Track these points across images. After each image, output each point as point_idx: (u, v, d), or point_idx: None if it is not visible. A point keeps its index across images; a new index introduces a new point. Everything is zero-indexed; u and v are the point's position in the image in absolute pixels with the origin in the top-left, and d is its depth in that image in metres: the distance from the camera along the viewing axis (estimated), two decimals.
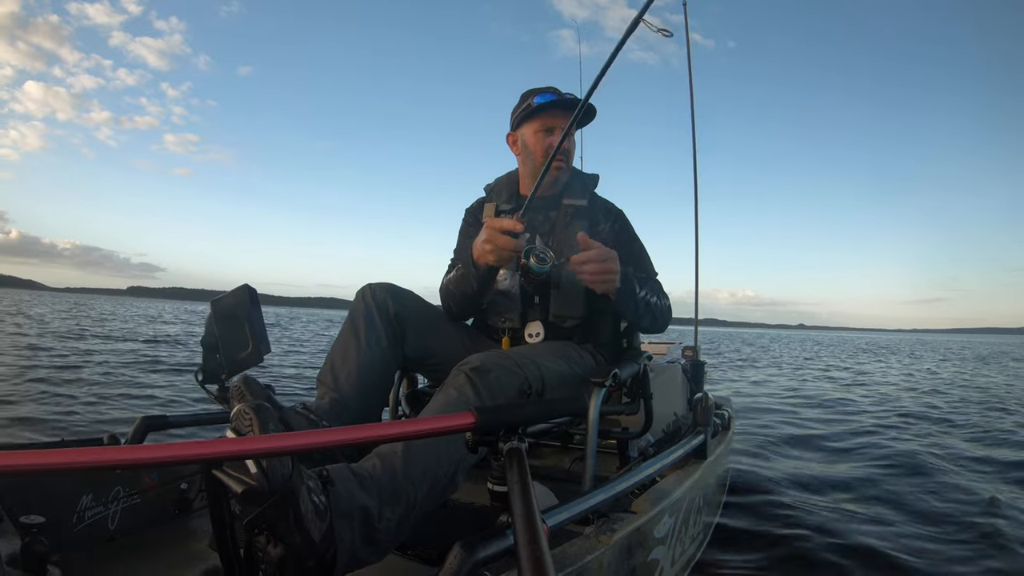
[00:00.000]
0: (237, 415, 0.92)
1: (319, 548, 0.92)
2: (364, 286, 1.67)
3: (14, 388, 5.97)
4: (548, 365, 1.56)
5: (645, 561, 1.41)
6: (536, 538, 0.67)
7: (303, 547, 0.90)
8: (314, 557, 0.92)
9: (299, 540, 0.89)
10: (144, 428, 1.60)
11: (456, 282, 1.76)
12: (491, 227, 1.58)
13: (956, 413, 6.98)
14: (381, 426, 0.82)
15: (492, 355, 1.44)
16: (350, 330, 1.60)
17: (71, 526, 1.39)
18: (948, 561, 2.45)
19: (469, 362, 1.39)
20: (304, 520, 0.90)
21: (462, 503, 1.71)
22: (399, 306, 1.66)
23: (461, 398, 1.30)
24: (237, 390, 1.12)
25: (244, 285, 1.66)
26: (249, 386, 1.13)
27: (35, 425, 4.39)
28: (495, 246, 1.57)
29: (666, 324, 1.88)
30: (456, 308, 1.81)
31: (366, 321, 1.61)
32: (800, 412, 6.73)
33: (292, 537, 0.89)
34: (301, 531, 0.89)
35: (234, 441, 0.76)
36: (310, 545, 0.91)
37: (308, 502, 0.91)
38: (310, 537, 0.90)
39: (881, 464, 4.11)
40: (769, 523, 2.84)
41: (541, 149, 1.88)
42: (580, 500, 1.19)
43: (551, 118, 1.87)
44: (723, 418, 2.62)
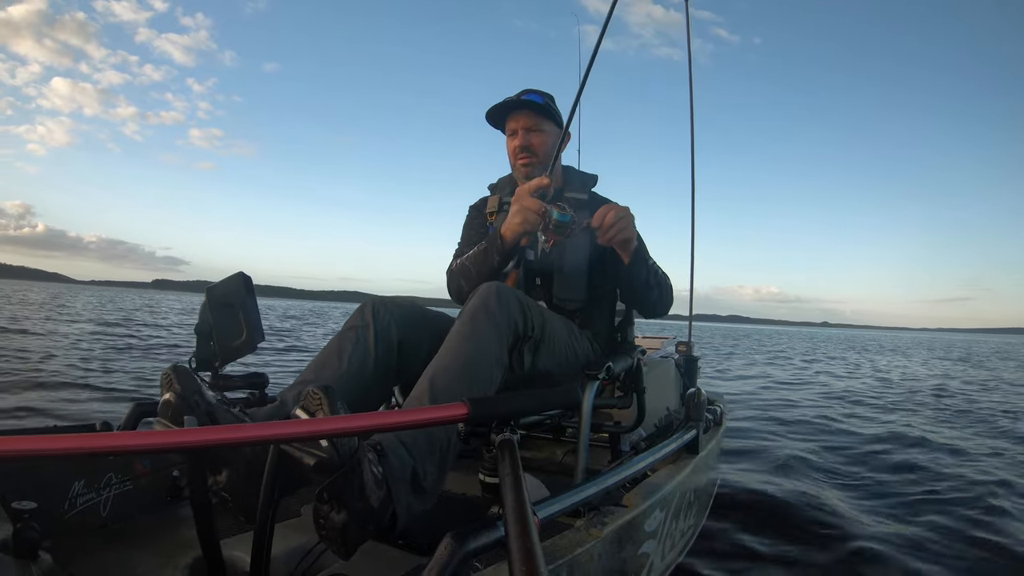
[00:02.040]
0: (307, 396, 0.98)
1: (378, 513, 1.01)
2: (368, 302, 1.59)
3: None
4: (552, 323, 1.61)
5: (635, 554, 1.42)
6: (527, 530, 0.68)
7: (365, 513, 0.99)
8: (375, 520, 1.01)
9: (361, 507, 0.98)
10: (138, 414, 1.59)
11: (475, 259, 1.77)
12: (520, 191, 1.65)
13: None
14: (378, 415, 0.82)
15: (504, 285, 1.49)
16: (335, 347, 1.51)
17: (63, 512, 1.39)
18: (949, 559, 2.47)
19: (484, 287, 1.47)
20: (366, 489, 0.98)
21: (454, 493, 1.72)
22: (404, 332, 1.58)
23: (475, 323, 1.39)
24: (166, 378, 1.11)
25: (239, 273, 1.65)
26: (179, 375, 1.12)
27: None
28: (521, 207, 1.61)
29: (670, 302, 1.89)
30: (468, 286, 1.77)
31: (355, 342, 1.51)
32: (796, 404, 6.77)
33: (355, 504, 0.97)
34: (363, 499, 0.98)
35: (311, 421, 0.85)
36: (370, 511, 0.99)
37: (369, 473, 1.00)
38: (370, 504, 0.99)
39: (876, 459, 4.14)
40: (760, 518, 2.85)
41: (511, 151, 1.97)
42: (571, 493, 1.19)
43: (512, 120, 1.94)
44: (715, 413, 2.63)
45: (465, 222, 2.11)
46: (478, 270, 1.75)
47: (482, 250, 1.75)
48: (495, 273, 1.74)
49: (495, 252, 1.70)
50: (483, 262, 1.74)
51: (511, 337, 1.43)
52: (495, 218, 1.99)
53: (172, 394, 1.07)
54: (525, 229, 1.63)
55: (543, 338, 1.54)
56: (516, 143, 1.93)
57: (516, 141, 1.93)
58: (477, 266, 1.76)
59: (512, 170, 2.02)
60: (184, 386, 1.09)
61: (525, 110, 1.91)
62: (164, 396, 1.08)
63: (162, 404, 1.08)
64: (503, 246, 1.69)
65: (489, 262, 1.72)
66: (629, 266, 1.70)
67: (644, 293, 1.80)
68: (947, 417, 6.61)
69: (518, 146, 1.92)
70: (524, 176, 1.90)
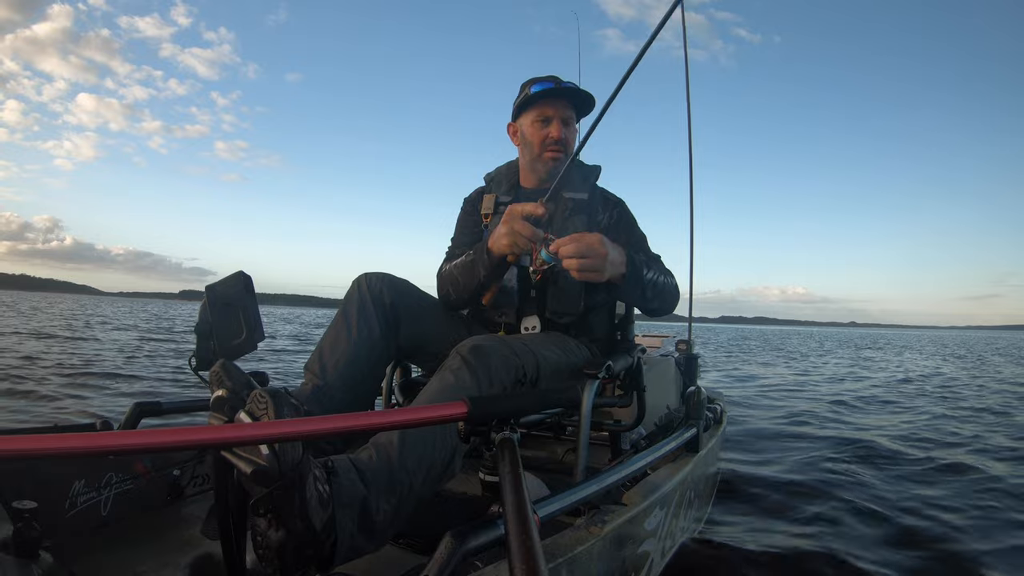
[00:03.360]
0: (253, 399, 0.93)
1: (320, 536, 0.94)
2: (360, 275, 1.66)
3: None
4: (544, 354, 1.57)
5: (635, 553, 1.42)
6: (527, 528, 0.68)
7: (304, 534, 0.92)
8: (314, 545, 0.94)
9: (301, 527, 0.91)
10: (138, 414, 1.60)
11: (462, 269, 1.74)
12: (512, 212, 1.58)
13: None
14: (377, 415, 0.82)
15: (490, 338, 1.44)
16: (342, 319, 1.59)
17: (63, 512, 1.39)
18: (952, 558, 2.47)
19: (466, 344, 1.39)
20: (308, 507, 0.92)
21: (454, 492, 1.72)
22: (395, 295, 1.64)
23: (458, 381, 1.30)
24: (216, 375, 1.12)
25: (239, 272, 1.65)
26: (228, 371, 1.12)
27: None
28: (511, 230, 1.56)
29: (675, 303, 1.87)
30: (456, 296, 1.79)
31: (358, 310, 1.59)
32: (800, 406, 6.76)
33: (295, 523, 0.91)
34: (304, 518, 0.91)
35: (249, 426, 0.79)
36: (311, 532, 0.93)
37: (313, 490, 0.93)
38: (312, 524, 0.92)
39: (882, 457, 4.13)
40: (761, 516, 2.85)
41: (538, 139, 1.87)
42: (571, 491, 1.19)
43: (548, 107, 1.86)
44: (715, 412, 2.64)
45: (459, 216, 2.07)
46: (465, 282, 1.74)
47: (470, 261, 1.72)
48: (481, 287, 1.73)
49: (481, 267, 1.68)
50: (470, 275, 1.72)
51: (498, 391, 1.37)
52: (490, 220, 1.94)
53: (224, 390, 1.08)
54: (512, 251, 1.60)
55: (539, 375, 1.51)
56: (551, 132, 1.85)
57: (551, 130, 1.85)
58: (464, 278, 1.74)
59: (530, 159, 1.93)
60: (235, 381, 1.10)
61: (568, 99, 1.86)
62: (216, 392, 1.08)
63: (215, 400, 1.08)
64: (490, 261, 1.66)
65: (476, 275, 1.71)
66: (621, 290, 1.68)
67: (643, 305, 1.80)
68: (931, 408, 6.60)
69: (554, 137, 1.83)
70: (548, 171, 1.86)
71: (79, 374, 7.07)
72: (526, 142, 1.92)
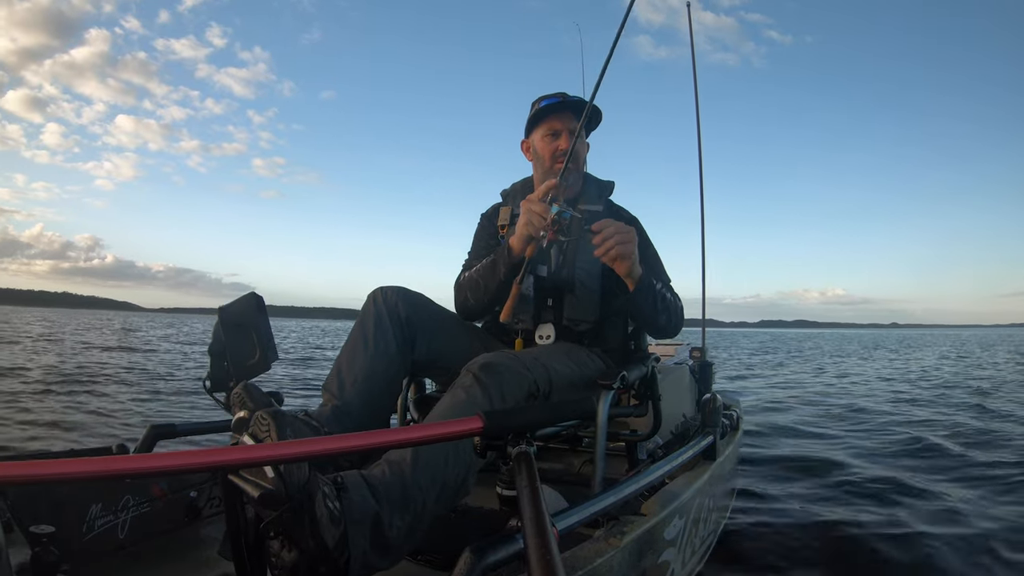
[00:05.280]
0: (255, 421, 0.93)
1: (332, 554, 0.93)
2: (375, 289, 1.66)
3: None
4: (556, 367, 1.56)
5: (655, 563, 1.40)
6: (546, 542, 0.67)
7: (317, 552, 0.91)
8: (327, 563, 0.93)
9: (313, 545, 0.90)
10: (153, 437, 1.60)
11: (483, 271, 1.76)
12: (529, 198, 1.64)
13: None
14: (391, 432, 0.81)
15: (500, 355, 1.44)
16: (359, 335, 1.59)
17: (80, 535, 1.39)
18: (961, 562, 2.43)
19: (477, 362, 1.38)
20: (319, 526, 0.91)
21: (472, 508, 1.71)
22: (410, 310, 1.64)
23: (469, 399, 1.29)
24: (238, 397, 1.12)
25: (251, 293, 1.66)
26: (250, 393, 1.12)
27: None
28: (527, 211, 1.60)
29: (680, 326, 1.88)
30: (475, 302, 1.80)
31: (375, 325, 1.59)
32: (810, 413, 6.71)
33: (306, 542, 0.90)
34: (315, 537, 0.90)
35: (252, 448, 0.78)
36: (324, 551, 0.92)
37: (323, 508, 0.92)
38: (324, 543, 0.91)
39: (905, 462, 4.09)
40: (779, 523, 2.82)
41: (548, 152, 1.90)
42: (589, 503, 1.18)
43: (556, 121, 1.89)
44: (732, 419, 2.61)
45: (476, 231, 2.09)
46: (486, 283, 1.75)
47: (490, 262, 1.74)
48: (502, 286, 1.73)
49: (502, 264, 1.70)
50: (491, 275, 1.73)
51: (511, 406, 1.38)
52: (506, 231, 1.95)
53: (246, 411, 1.08)
54: (530, 232, 1.62)
55: (552, 389, 1.51)
56: (560, 144, 1.88)
57: (560, 143, 1.88)
58: (485, 279, 1.75)
59: (542, 172, 1.94)
60: (256, 403, 1.10)
61: (573, 112, 1.87)
62: (238, 414, 1.08)
63: (236, 421, 1.08)
64: (510, 258, 1.68)
65: (496, 274, 1.72)
66: (634, 293, 1.68)
67: (652, 317, 1.78)
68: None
69: (563, 148, 1.85)
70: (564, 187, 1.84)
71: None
72: (537, 156, 1.94)
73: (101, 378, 8.60)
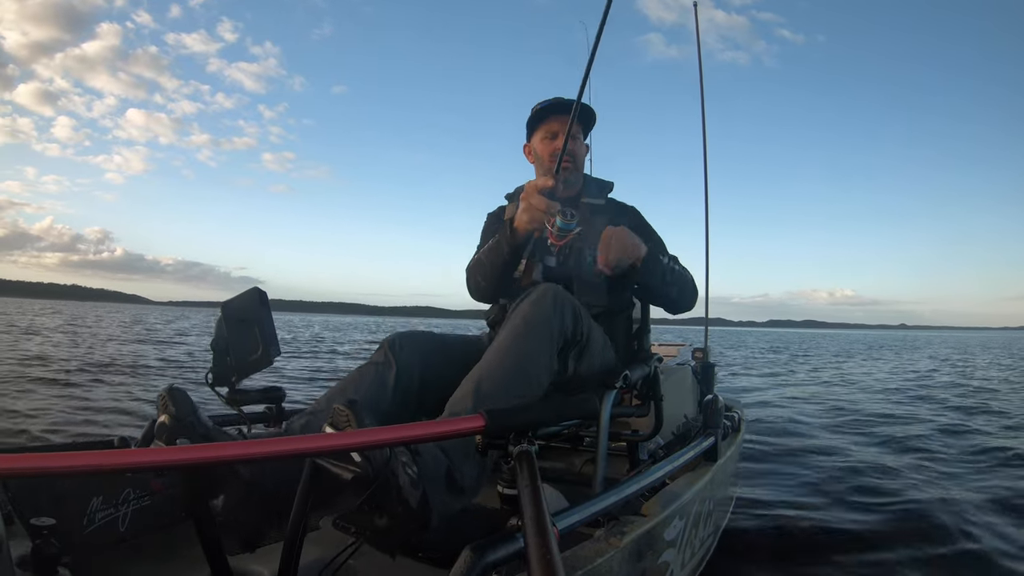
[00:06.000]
0: (335, 413, 1.00)
1: (417, 512, 1.03)
2: (391, 337, 1.61)
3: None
4: (595, 331, 1.61)
5: (655, 564, 1.40)
6: (546, 541, 0.67)
7: (405, 515, 1.00)
8: (415, 520, 1.03)
9: (401, 510, 1.00)
10: (154, 431, 1.60)
11: (488, 251, 1.77)
12: (527, 188, 1.63)
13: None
14: (395, 429, 0.82)
15: (561, 291, 1.51)
16: (354, 378, 1.54)
17: (81, 528, 1.39)
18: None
19: (546, 285, 1.50)
20: (403, 492, 1.00)
21: (473, 506, 1.71)
22: (426, 366, 1.58)
23: (536, 312, 1.42)
24: (161, 399, 1.14)
25: (254, 288, 1.66)
26: (173, 397, 1.13)
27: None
28: (527, 204, 1.60)
29: (694, 297, 1.91)
30: (484, 280, 1.81)
31: (373, 377, 1.53)
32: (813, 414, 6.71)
33: (395, 508, 1.00)
34: (402, 502, 1.00)
35: (340, 435, 0.85)
36: (410, 512, 1.01)
37: (404, 475, 1.01)
38: (410, 506, 1.01)
39: (904, 463, 4.10)
40: (780, 525, 2.82)
41: (547, 154, 1.94)
42: (590, 503, 1.18)
43: (553, 123, 1.94)
44: (733, 420, 2.61)
45: (483, 229, 2.11)
46: (491, 262, 1.76)
47: (494, 242, 1.75)
48: (507, 265, 1.74)
49: (505, 243, 1.70)
50: (495, 254, 1.74)
51: (561, 341, 1.45)
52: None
53: (167, 416, 1.09)
54: (533, 226, 1.63)
55: (587, 345, 1.55)
56: (558, 145, 1.89)
57: (558, 143, 1.90)
58: (490, 258, 1.76)
59: (543, 174, 1.92)
60: (179, 408, 1.10)
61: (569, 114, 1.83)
62: (160, 418, 1.10)
63: (158, 426, 1.10)
64: (513, 238, 1.68)
65: (500, 253, 1.72)
66: (642, 273, 1.70)
67: (661, 291, 1.80)
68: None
69: (559, 149, 1.83)
70: (562, 182, 1.86)
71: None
72: (538, 158, 1.99)
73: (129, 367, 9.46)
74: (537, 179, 1.66)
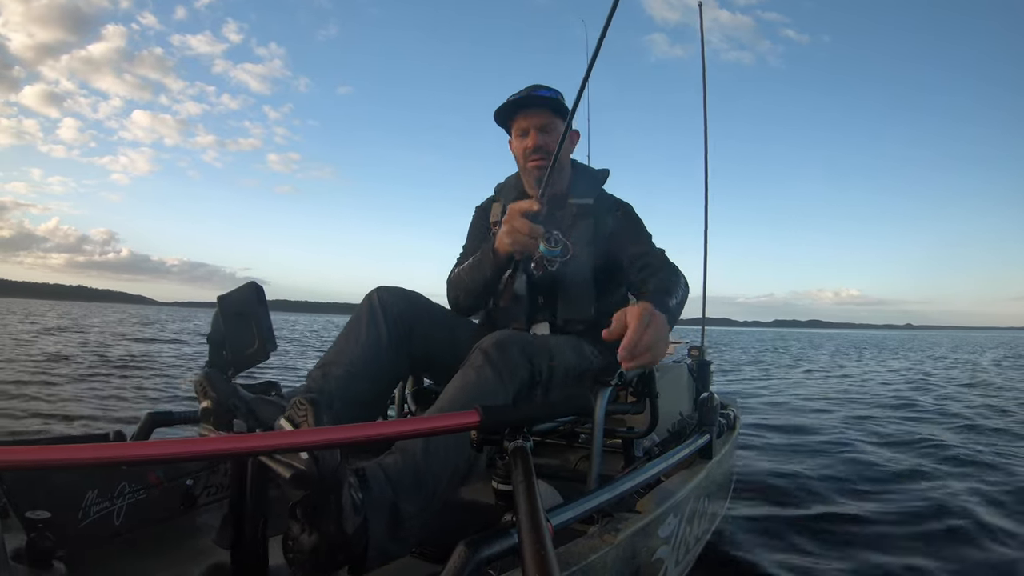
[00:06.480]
0: (293, 406, 0.95)
1: (352, 540, 0.96)
2: (373, 289, 1.66)
3: None
4: (562, 355, 1.56)
5: (649, 561, 1.40)
6: (540, 537, 0.67)
7: (337, 538, 0.94)
8: (346, 549, 0.96)
9: (334, 531, 0.93)
10: (151, 424, 1.60)
11: (470, 269, 1.74)
12: (511, 210, 1.58)
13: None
14: (390, 424, 0.82)
15: (511, 334, 1.45)
16: (351, 329, 1.59)
17: (77, 521, 1.39)
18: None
19: (488, 339, 1.40)
20: (343, 512, 0.94)
21: (467, 501, 1.71)
22: (406, 308, 1.65)
23: (480, 378, 1.31)
24: (200, 386, 1.13)
25: (251, 282, 1.65)
26: (212, 381, 1.13)
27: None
28: (511, 228, 1.55)
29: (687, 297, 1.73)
30: (464, 297, 1.79)
31: (368, 321, 1.59)
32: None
33: (329, 527, 0.93)
34: (338, 523, 0.94)
35: (291, 433, 0.79)
36: (343, 537, 0.95)
37: (348, 495, 0.96)
38: (344, 529, 0.94)
39: (898, 462, 4.10)
40: (774, 522, 2.83)
41: (520, 152, 1.87)
42: (585, 499, 1.18)
43: (521, 119, 1.87)
44: (729, 418, 2.62)
45: (471, 224, 2.08)
46: (473, 279, 1.74)
47: (476, 262, 1.72)
48: (489, 285, 1.71)
49: (488, 265, 1.68)
50: (477, 274, 1.72)
51: (516, 388, 1.38)
52: (497, 228, 1.88)
53: (209, 401, 1.08)
54: (515, 250, 1.59)
55: (552, 377, 1.50)
56: (528, 143, 1.83)
57: (528, 141, 1.83)
58: (472, 276, 1.74)
59: (520, 172, 1.95)
60: (220, 391, 1.10)
61: (537, 107, 1.84)
62: (202, 404, 1.09)
63: (202, 411, 1.09)
64: (495, 260, 1.65)
65: (482, 275, 1.70)
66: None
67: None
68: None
69: (530, 146, 1.83)
70: (536, 179, 1.83)
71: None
72: (515, 156, 1.94)
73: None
74: (522, 202, 1.58)
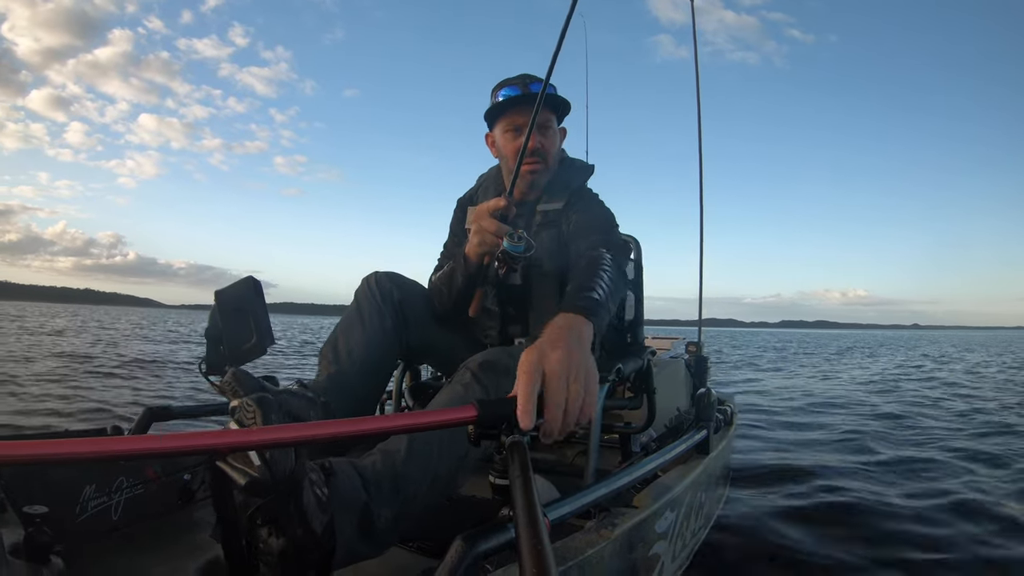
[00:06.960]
0: (240, 407, 0.92)
1: (320, 540, 0.93)
2: (369, 274, 1.68)
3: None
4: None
5: (646, 556, 1.41)
6: (537, 532, 0.67)
7: (305, 539, 0.91)
8: (315, 550, 0.93)
9: (300, 532, 0.91)
10: (148, 418, 1.60)
11: (443, 278, 1.69)
12: (478, 211, 1.52)
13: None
14: (383, 419, 0.82)
15: (500, 352, 1.41)
16: (355, 311, 1.61)
17: (74, 516, 1.39)
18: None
19: (476, 359, 1.36)
20: (306, 512, 0.91)
21: (464, 496, 1.72)
22: (402, 294, 1.66)
23: (468, 394, 1.27)
24: (228, 384, 1.11)
25: (248, 277, 1.65)
26: (240, 380, 1.12)
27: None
28: (478, 227, 1.49)
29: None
30: (441, 306, 1.73)
31: (370, 304, 1.61)
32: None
33: (293, 529, 0.90)
34: (303, 523, 0.90)
35: (237, 433, 0.77)
36: (311, 537, 0.92)
37: (311, 494, 0.92)
38: (311, 529, 0.91)
39: (896, 458, 4.11)
40: (770, 519, 2.83)
41: (511, 151, 1.73)
42: (582, 494, 1.18)
43: (518, 115, 1.73)
44: (726, 414, 2.62)
45: (452, 219, 1.98)
46: (448, 290, 1.69)
47: (449, 270, 1.67)
48: (462, 293, 1.66)
49: (460, 274, 1.63)
50: (450, 283, 1.67)
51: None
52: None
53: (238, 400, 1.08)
54: (482, 250, 1.52)
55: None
56: (520, 143, 1.56)
57: (520, 140, 1.63)
58: (446, 285, 1.69)
59: (504, 172, 1.83)
60: (247, 389, 1.10)
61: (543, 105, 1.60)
62: (232, 403, 1.08)
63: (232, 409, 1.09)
64: (467, 267, 1.60)
65: (455, 283, 1.66)
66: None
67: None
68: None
69: (529, 148, 1.58)
70: (529, 184, 1.74)
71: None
72: (501, 154, 1.81)
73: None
74: (489, 200, 1.50)
